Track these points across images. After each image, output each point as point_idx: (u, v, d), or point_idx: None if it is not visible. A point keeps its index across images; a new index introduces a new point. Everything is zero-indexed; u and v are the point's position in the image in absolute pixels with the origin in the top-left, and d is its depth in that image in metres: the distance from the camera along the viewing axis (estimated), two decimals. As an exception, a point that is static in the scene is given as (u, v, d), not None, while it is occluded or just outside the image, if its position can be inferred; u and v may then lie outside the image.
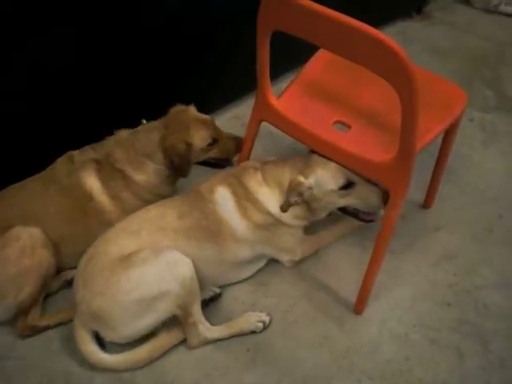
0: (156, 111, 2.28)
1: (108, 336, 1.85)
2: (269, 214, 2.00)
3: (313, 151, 1.99)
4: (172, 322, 1.91)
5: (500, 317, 2.04)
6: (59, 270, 2.10)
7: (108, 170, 2.11)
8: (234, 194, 2.00)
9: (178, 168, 2.11)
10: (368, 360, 1.92)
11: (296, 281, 2.15)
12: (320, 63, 2.07)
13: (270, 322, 1.99)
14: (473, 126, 2.84)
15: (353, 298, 2.04)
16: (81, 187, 2.08)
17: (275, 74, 2.40)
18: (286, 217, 2.01)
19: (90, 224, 2.07)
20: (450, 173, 2.50)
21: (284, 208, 1.95)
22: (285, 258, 2.13)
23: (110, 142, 2.17)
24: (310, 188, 1.93)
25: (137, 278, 1.78)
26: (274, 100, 1.94)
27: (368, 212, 2.01)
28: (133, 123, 2.26)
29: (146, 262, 1.80)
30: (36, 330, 1.99)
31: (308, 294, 2.12)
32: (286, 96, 1.99)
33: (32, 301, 1.95)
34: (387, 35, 2.55)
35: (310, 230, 2.19)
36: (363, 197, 1.95)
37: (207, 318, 1.93)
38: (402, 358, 1.93)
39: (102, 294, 1.78)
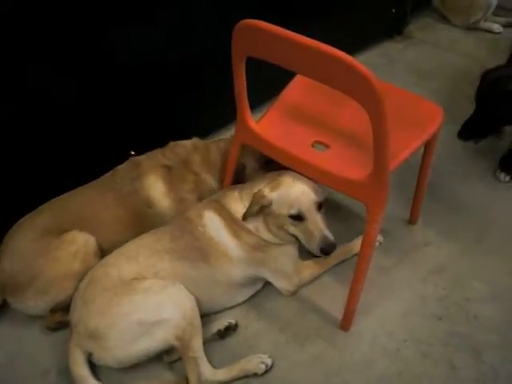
0: (146, 143, 2.37)
1: (102, 358, 1.85)
2: (250, 232, 2.03)
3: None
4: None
5: (491, 328, 2.05)
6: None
7: (179, 174, 2.23)
8: (220, 216, 2.04)
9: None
10: (361, 377, 1.92)
11: (287, 301, 2.17)
12: (298, 87, 2.13)
13: (273, 364, 1.96)
14: (456, 142, 2.87)
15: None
16: (143, 193, 2.18)
17: (259, 102, 2.48)
18: (264, 233, 2.03)
19: (145, 231, 2.11)
20: (436, 188, 2.55)
21: (244, 216, 1.99)
22: (283, 285, 2.14)
23: (186, 147, 2.30)
24: (270, 203, 1.95)
25: (138, 302, 1.82)
26: (253, 124, 1.98)
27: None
28: (123, 155, 2.34)
29: (149, 291, 1.84)
30: (63, 325, 2.06)
31: (299, 315, 2.13)
32: (265, 119, 2.04)
33: (68, 302, 1.99)
34: (370, 57, 2.60)
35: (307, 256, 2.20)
36: (306, 234, 1.96)
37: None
38: (394, 373, 1.93)
39: (102, 313, 1.81)
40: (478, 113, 2.44)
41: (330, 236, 1.93)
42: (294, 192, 1.94)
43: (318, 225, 1.94)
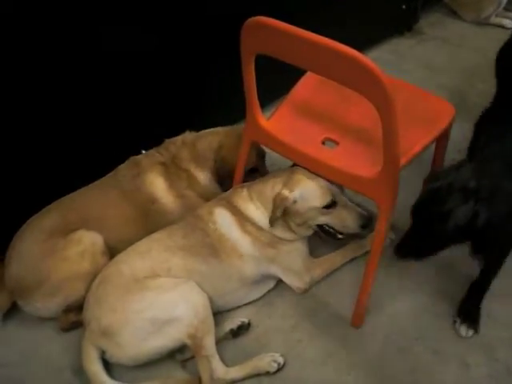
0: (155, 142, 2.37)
1: (114, 355, 1.86)
2: (261, 229, 2.04)
3: (296, 164, 2.04)
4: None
5: (504, 325, 2.03)
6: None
7: (174, 171, 2.24)
8: (231, 213, 2.05)
9: (221, 179, 2.28)
10: (373, 375, 1.92)
11: (298, 299, 2.16)
12: (308, 84, 2.13)
13: (285, 363, 1.96)
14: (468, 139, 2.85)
15: (355, 314, 2.05)
16: (145, 190, 2.19)
17: (269, 100, 2.47)
18: (278, 231, 2.04)
19: (150, 227, 2.12)
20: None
21: (271, 222, 2.00)
22: (294, 283, 2.14)
23: (176, 143, 2.30)
24: (295, 202, 1.97)
25: (151, 299, 1.83)
26: (263, 121, 1.99)
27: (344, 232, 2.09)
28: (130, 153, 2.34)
29: (162, 288, 1.86)
30: (77, 325, 2.05)
31: (311, 312, 2.13)
32: (275, 117, 2.04)
33: (80, 303, 2.00)
34: (380, 54, 2.54)
35: (318, 254, 2.22)
36: (341, 218, 2.03)
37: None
38: (407, 371, 1.92)
39: (114, 310, 1.83)
40: (413, 229, 1.81)
41: (364, 211, 2.01)
42: (319, 183, 1.98)
43: (349, 205, 2.02)
